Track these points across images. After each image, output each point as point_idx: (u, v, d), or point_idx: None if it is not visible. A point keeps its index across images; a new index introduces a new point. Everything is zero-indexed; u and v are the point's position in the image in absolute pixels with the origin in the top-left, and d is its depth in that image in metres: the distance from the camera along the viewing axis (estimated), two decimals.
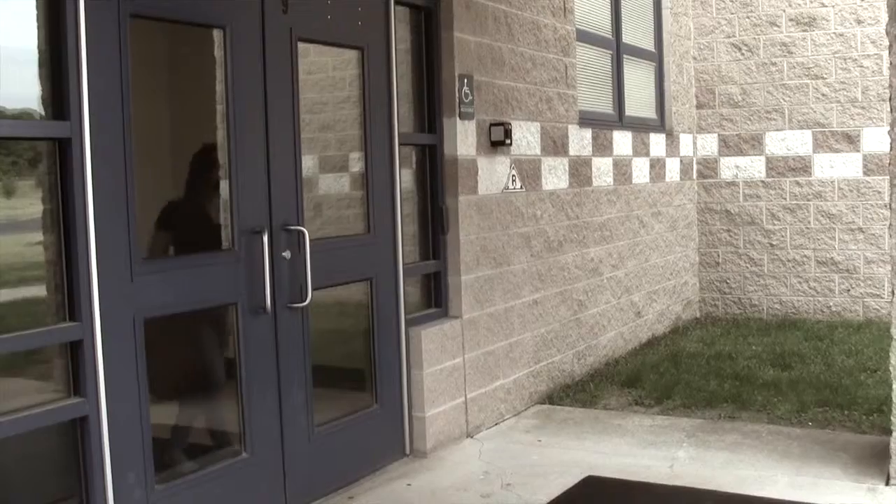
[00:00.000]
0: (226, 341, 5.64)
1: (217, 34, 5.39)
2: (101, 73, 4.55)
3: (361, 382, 6.82)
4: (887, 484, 6.05)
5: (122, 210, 4.67)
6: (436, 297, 7.33)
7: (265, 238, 5.44)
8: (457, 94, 7.19)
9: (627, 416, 7.90)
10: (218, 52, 5.43)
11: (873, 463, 6.40)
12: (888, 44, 5.98)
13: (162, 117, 5.58)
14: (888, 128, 6.03)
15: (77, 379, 4.55)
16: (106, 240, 4.56)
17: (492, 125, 7.61)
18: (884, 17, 6.09)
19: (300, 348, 5.89)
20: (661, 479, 6.37)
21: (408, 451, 6.88)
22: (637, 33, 11.24)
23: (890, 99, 5.99)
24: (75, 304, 4.51)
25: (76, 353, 4.53)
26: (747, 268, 12.40)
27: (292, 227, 5.75)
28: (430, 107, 7.21)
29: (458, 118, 7.21)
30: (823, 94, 11.83)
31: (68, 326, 4.50)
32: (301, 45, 5.96)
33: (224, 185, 5.47)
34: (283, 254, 5.69)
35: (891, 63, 5.96)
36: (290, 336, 5.80)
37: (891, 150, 5.99)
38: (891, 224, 6.01)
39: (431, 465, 6.77)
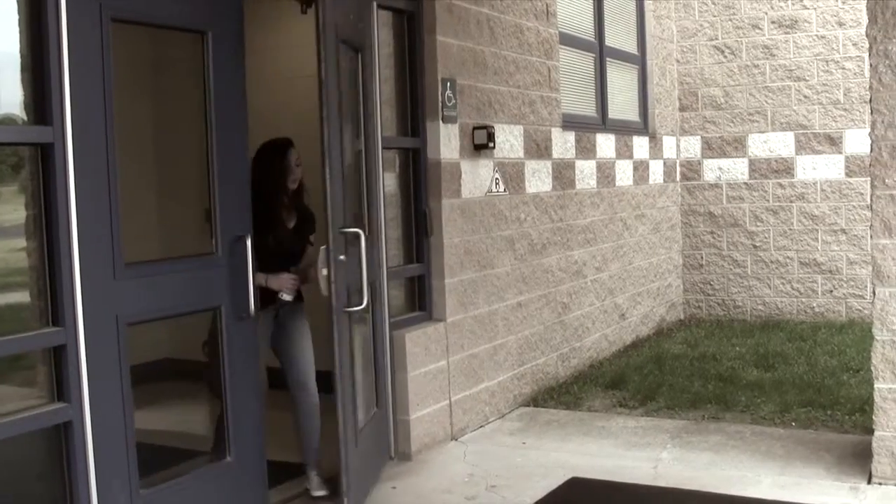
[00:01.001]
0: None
1: (201, 38, 5.37)
2: (84, 78, 4.53)
3: None
4: (869, 483, 6.08)
5: (105, 214, 4.65)
6: (420, 300, 7.34)
7: (248, 242, 5.43)
8: (440, 98, 7.21)
9: (611, 417, 7.91)
10: (202, 57, 5.41)
11: (856, 462, 6.43)
12: (868, 46, 6.02)
13: (147, 121, 5.58)
14: (869, 129, 6.06)
15: (61, 384, 4.53)
16: (89, 244, 4.55)
17: (475, 128, 7.62)
18: (865, 19, 6.11)
19: None
20: (645, 481, 6.38)
21: (392, 453, 6.88)
22: (620, 36, 11.27)
23: (870, 101, 6.02)
24: (59, 309, 4.49)
25: (60, 357, 4.51)
26: (731, 269, 12.44)
27: None
28: (414, 110, 7.23)
29: (441, 122, 7.22)
30: (805, 96, 11.87)
31: (52, 331, 4.48)
32: None
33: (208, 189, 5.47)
34: None
35: (871, 65, 5.99)
36: None
37: (872, 151, 6.02)
38: (872, 225, 6.04)
39: (416, 467, 6.78)
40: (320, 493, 6.21)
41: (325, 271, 5.53)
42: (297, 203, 6.32)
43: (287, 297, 6.08)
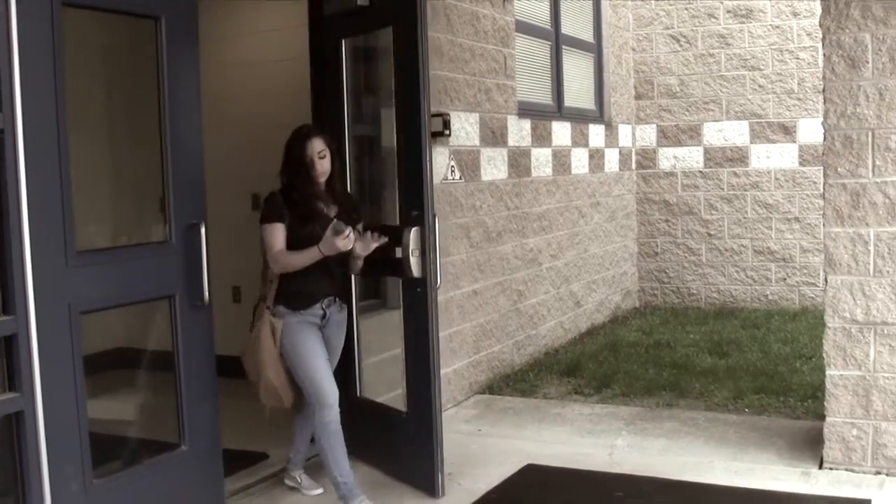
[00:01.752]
0: None
1: (154, 24, 5.33)
2: (35, 64, 4.47)
3: None
4: (821, 467, 6.15)
5: (56, 203, 4.60)
6: (375, 287, 7.32)
7: (202, 230, 5.39)
8: None
9: (567, 405, 7.94)
10: (154, 43, 5.37)
11: (807, 448, 6.49)
12: (822, 36, 6.06)
13: (99, 107, 5.52)
14: (822, 119, 6.11)
15: (11, 374, 4.47)
16: (40, 233, 4.50)
17: (430, 116, 7.59)
18: (818, 9, 6.15)
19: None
20: (600, 467, 6.41)
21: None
22: (576, 24, 11.28)
23: (823, 90, 6.07)
24: (9, 298, 4.44)
25: (10, 347, 4.46)
26: (685, 257, 12.51)
27: None
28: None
29: None
30: (760, 86, 11.95)
31: (2, 320, 4.43)
32: None
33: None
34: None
35: (824, 55, 6.03)
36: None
37: (824, 140, 6.06)
38: (824, 213, 6.09)
39: None
40: (316, 491, 6.16)
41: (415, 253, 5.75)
42: (333, 190, 5.84)
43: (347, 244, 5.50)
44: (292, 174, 5.70)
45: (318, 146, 5.66)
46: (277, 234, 5.58)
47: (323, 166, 5.68)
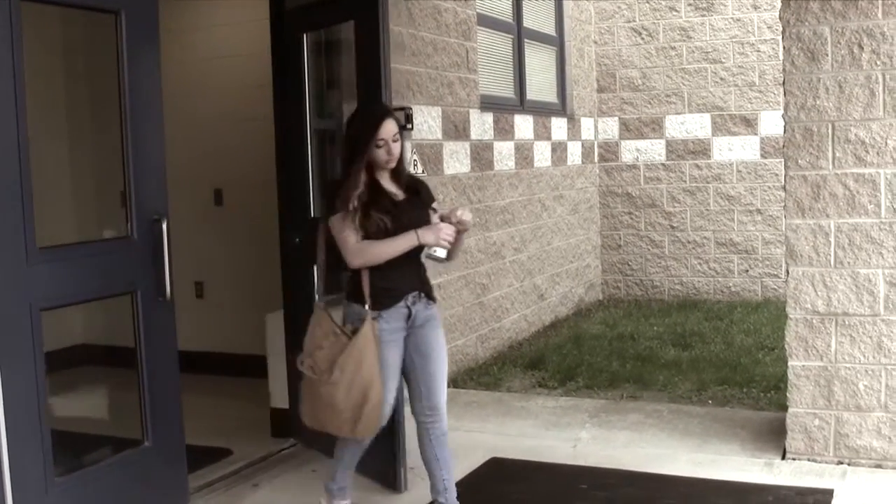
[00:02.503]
0: None
1: (113, 19, 5.28)
2: None
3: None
4: (783, 458, 6.19)
5: (16, 199, 4.56)
6: (337, 280, 7.29)
7: (164, 226, 5.36)
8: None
9: (531, 398, 7.95)
10: (115, 38, 5.33)
11: (771, 438, 6.53)
12: (781, 29, 6.09)
13: (58, 103, 5.48)
14: (783, 111, 6.14)
15: None
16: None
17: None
18: (778, 2, 6.19)
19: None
20: (564, 460, 6.42)
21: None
22: (538, 18, 11.29)
23: (784, 83, 6.10)
24: None
25: None
26: (648, 250, 12.56)
27: None
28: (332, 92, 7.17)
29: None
30: (722, 78, 12.01)
31: None
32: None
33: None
34: None
35: (784, 48, 6.06)
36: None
37: (785, 132, 6.10)
38: (786, 205, 6.12)
39: None
40: None
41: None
42: (399, 174, 5.16)
43: (440, 253, 4.97)
44: (357, 157, 4.96)
45: (391, 129, 5.02)
46: (352, 225, 4.90)
47: (395, 150, 5.03)
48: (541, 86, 11.29)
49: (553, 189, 11.16)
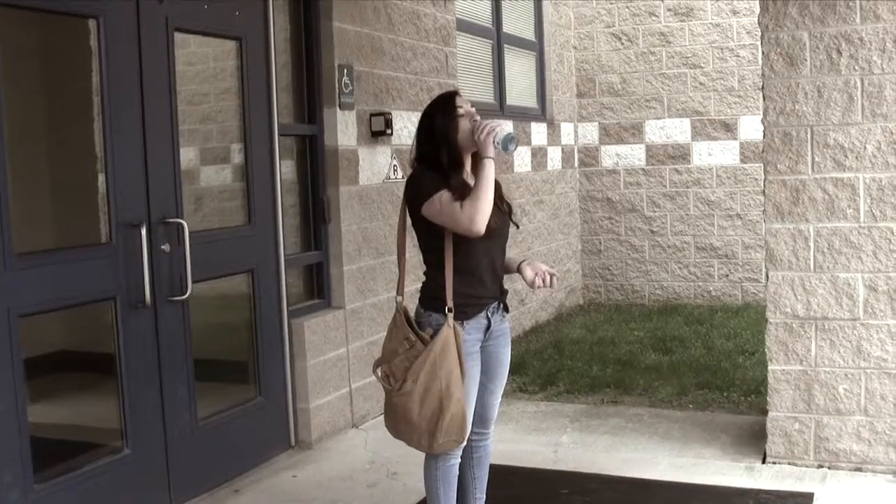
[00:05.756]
0: None
1: (91, 24, 5.28)
2: None
3: (244, 375, 6.77)
4: (764, 462, 6.21)
5: None
6: (318, 287, 7.29)
7: (143, 231, 5.35)
8: (337, 85, 7.15)
9: (512, 402, 7.95)
10: (93, 43, 5.32)
11: (751, 442, 6.55)
12: (760, 34, 6.11)
13: (36, 108, 5.45)
14: (762, 116, 6.16)
15: None
16: None
17: (372, 115, 7.58)
18: (757, 8, 6.21)
19: (181, 342, 5.80)
20: (545, 465, 6.43)
21: (293, 442, 6.84)
22: (518, 23, 11.30)
23: (763, 88, 6.12)
24: None
25: None
26: (629, 254, 12.58)
27: (171, 220, 5.66)
28: (311, 97, 7.16)
29: (338, 108, 7.17)
30: (701, 83, 12.04)
31: None
32: (178, 36, 5.86)
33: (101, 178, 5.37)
34: (163, 247, 5.60)
35: (763, 53, 6.08)
36: (171, 330, 5.71)
37: (764, 137, 6.12)
38: (765, 210, 6.14)
39: (317, 455, 6.74)
40: None
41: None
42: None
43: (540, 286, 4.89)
44: (439, 145, 4.68)
45: (465, 104, 4.77)
46: (448, 195, 4.44)
47: (478, 118, 4.75)
48: (521, 91, 11.30)
49: (533, 194, 11.17)
